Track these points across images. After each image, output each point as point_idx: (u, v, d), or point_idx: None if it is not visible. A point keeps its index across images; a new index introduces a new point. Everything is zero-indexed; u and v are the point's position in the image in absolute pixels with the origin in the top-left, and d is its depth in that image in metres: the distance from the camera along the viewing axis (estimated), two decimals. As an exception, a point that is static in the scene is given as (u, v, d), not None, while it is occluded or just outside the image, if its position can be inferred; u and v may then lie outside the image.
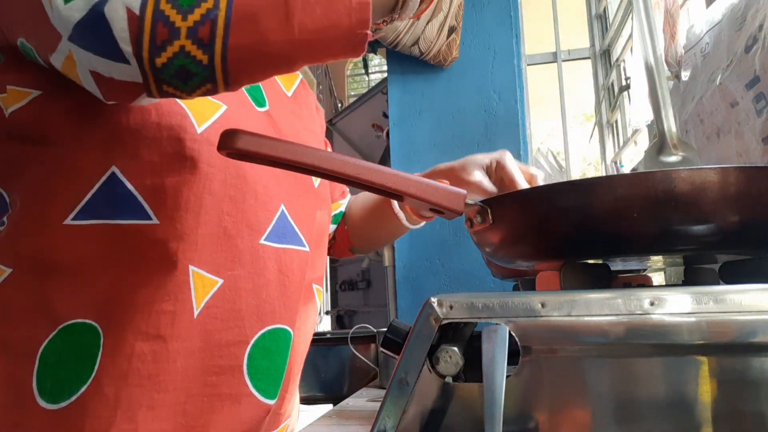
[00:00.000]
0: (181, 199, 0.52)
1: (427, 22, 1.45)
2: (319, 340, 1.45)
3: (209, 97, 0.54)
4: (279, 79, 0.71)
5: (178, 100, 0.52)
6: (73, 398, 0.47)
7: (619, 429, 0.39)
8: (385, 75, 1.80)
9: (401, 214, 0.77)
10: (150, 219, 0.51)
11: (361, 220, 0.85)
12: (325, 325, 4.32)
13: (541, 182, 0.71)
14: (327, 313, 3.80)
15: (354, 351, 1.27)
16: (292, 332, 0.59)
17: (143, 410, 0.48)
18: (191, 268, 0.51)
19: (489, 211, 0.52)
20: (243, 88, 0.61)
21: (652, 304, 0.39)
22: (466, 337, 0.46)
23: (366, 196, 0.85)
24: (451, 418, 0.42)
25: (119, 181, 0.50)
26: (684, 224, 0.45)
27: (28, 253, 0.50)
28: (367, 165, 0.47)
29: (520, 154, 1.58)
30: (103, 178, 0.50)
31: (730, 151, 1.18)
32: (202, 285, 0.52)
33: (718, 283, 0.52)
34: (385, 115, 2.34)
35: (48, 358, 0.47)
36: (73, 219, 0.49)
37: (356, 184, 0.48)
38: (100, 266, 0.50)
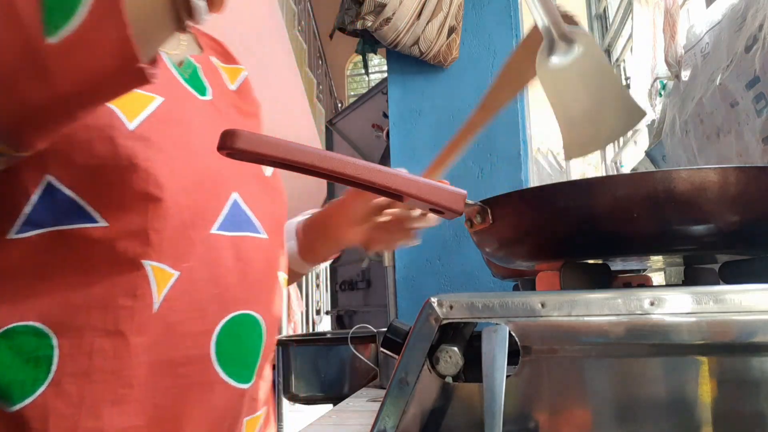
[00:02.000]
0: (125, 197, 0.51)
1: (427, 22, 1.45)
2: (319, 340, 1.45)
3: (139, 90, 0.52)
4: (223, 71, 0.70)
5: None
6: (31, 399, 0.47)
7: (619, 429, 0.39)
8: (385, 75, 1.80)
9: (292, 257, 0.77)
10: (96, 222, 0.51)
11: None
12: (325, 325, 4.32)
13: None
14: (327, 313, 3.80)
15: (354, 351, 1.27)
16: (260, 317, 0.59)
17: (108, 406, 0.49)
18: (148, 263, 0.51)
19: (489, 211, 0.52)
20: (181, 79, 0.60)
21: (652, 304, 0.39)
22: (466, 337, 0.46)
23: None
24: (451, 418, 0.42)
25: (56, 189, 0.50)
26: (684, 224, 0.45)
27: None
28: (366, 165, 0.47)
29: (520, 154, 1.58)
30: (40, 189, 0.50)
31: (730, 151, 1.18)
32: (162, 279, 0.52)
33: (718, 283, 0.52)
34: (385, 115, 2.34)
35: None
36: (18, 233, 0.50)
37: (356, 184, 0.48)
38: (47, 271, 0.50)
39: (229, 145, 0.45)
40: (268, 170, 0.67)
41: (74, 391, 0.48)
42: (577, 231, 0.48)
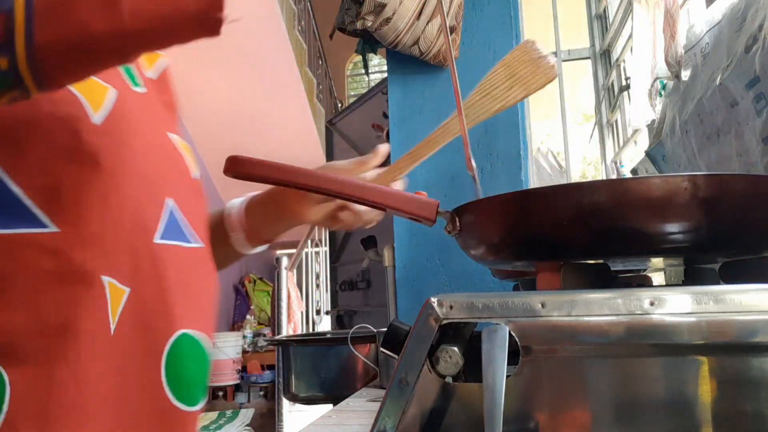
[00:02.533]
0: (82, 200, 0.45)
1: (427, 22, 1.45)
2: (319, 340, 1.45)
3: (95, 78, 0.48)
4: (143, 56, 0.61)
5: (69, 86, 0.45)
6: None
7: (619, 429, 0.39)
8: (385, 75, 1.80)
9: (237, 239, 0.70)
10: (45, 227, 0.44)
11: None
12: (325, 325, 4.33)
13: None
14: (327, 313, 3.79)
15: (354, 351, 1.27)
16: (202, 335, 0.54)
17: None
18: (105, 279, 0.45)
19: (457, 218, 0.56)
20: (120, 67, 0.54)
21: (652, 304, 0.39)
22: (466, 337, 0.46)
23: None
24: (451, 418, 0.42)
25: (2, 183, 0.43)
26: (682, 227, 0.45)
27: None
28: (349, 181, 0.55)
29: (520, 154, 1.58)
30: None
31: (730, 151, 1.18)
32: (116, 296, 0.46)
33: (718, 283, 0.52)
34: (385, 115, 2.33)
35: None
36: None
37: (342, 197, 0.55)
38: None
39: (236, 169, 0.54)
40: (196, 171, 0.60)
41: None
42: (544, 236, 0.48)
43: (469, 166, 0.59)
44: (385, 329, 0.48)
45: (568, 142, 2.91)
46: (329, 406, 1.15)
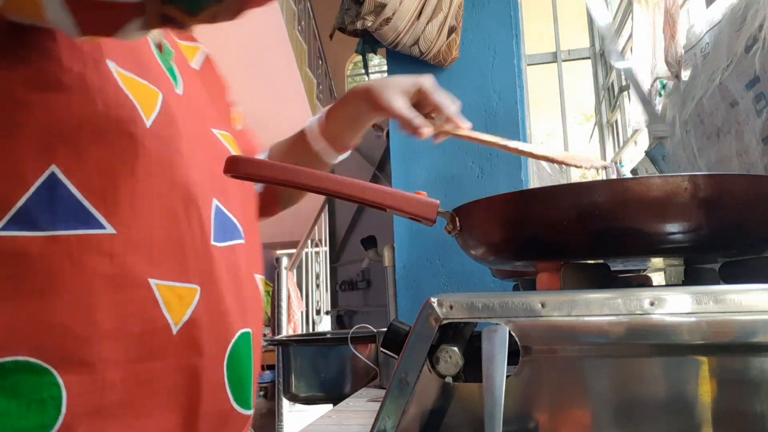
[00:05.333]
0: (137, 203, 0.46)
1: (428, 22, 1.45)
2: (319, 340, 1.45)
3: (147, 83, 0.50)
4: (183, 50, 0.64)
5: (124, 89, 0.46)
6: None
7: (619, 429, 0.39)
8: (385, 75, 1.79)
9: (321, 146, 0.72)
10: (102, 228, 0.44)
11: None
12: (325, 325, 4.33)
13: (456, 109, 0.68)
14: (327, 313, 3.80)
15: (354, 351, 1.27)
16: (251, 333, 0.56)
17: None
18: (153, 282, 0.46)
19: (456, 218, 0.56)
20: (164, 67, 0.55)
21: (652, 304, 0.39)
22: (466, 337, 0.46)
23: (282, 143, 0.78)
24: (451, 418, 0.42)
25: (59, 183, 0.43)
26: (682, 227, 0.45)
27: None
28: (350, 181, 0.54)
29: (520, 154, 1.57)
30: (41, 180, 0.42)
31: (730, 151, 1.18)
32: (178, 298, 0.47)
33: (718, 283, 0.52)
34: (385, 115, 2.32)
35: None
36: (1, 230, 0.41)
37: (341, 197, 0.55)
38: (36, 290, 0.41)
39: (235, 169, 0.52)
40: None
41: None
42: (544, 236, 0.48)
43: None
44: (385, 329, 0.48)
45: (568, 142, 2.91)
46: (329, 406, 1.15)
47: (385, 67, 1.67)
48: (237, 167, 0.53)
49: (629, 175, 2.38)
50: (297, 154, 0.73)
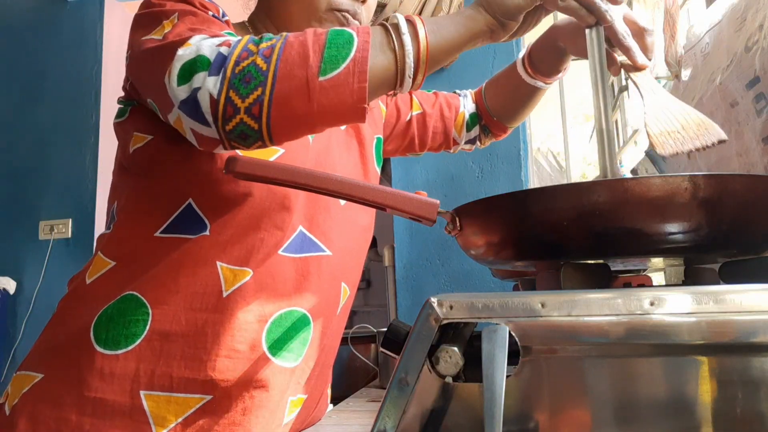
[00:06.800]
0: (233, 220, 0.69)
1: (427, 22, 1.45)
2: (319, 340, 1.45)
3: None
4: None
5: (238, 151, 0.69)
6: (128, 348, 0.65)
7: (619, 429, 0.39)
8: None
9: (522, 73, 0.90)
10: (205, 232, 0.69)
11: (500, 97, 1.00)
12: (325, 325, 4.31)
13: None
14: (327, 313, 3.78)
15: (354, 351, 1.27)
16: (307, 313, 0.72)
17: (177, 361, 0.65)
18: (218, 263, 0.69)
19: (457, 218, 0.56)
20: None
21: (652, 304, 0.39)
22: (466, 337, 0.46)
23: (497, 76, 0.99)
24: (451, 418, 0.42)
25: (193, 210, 0.70)
26: (682, 227, 0.45)
27: (126, 253, 0.70)
28: (349, 181, 0.57)
29: (520, 154, 1.58)
30: (183, 207, 0.70)
31: (730, 151, 1.18)
32: (233, 275, 0.68)
33: (718, 283, 0.52)
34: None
35: (101, 318, 0.66)
36: (161, 233, 0.70)
37: (341, 197, 0.57)
38: (162, 262, 0.68)
39: (231, 168, 0.58)
40: (342, 201, 0.79)
41: (157, 347, 0.65)
42: (544, 236, 0.48)
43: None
44: (385, 329, 0.48)
45: (568, 142, 2.91)
46: (329, 406, 1.15)
47: (385, 67, 1.66)
48: (238, 167, 0.58)
49: (629, 175, 2.38)
50: (512, 84, 0.94)
